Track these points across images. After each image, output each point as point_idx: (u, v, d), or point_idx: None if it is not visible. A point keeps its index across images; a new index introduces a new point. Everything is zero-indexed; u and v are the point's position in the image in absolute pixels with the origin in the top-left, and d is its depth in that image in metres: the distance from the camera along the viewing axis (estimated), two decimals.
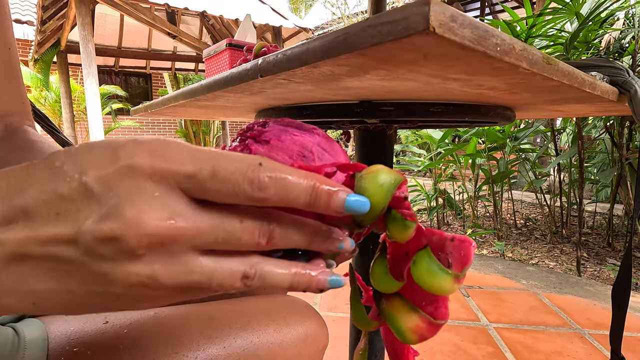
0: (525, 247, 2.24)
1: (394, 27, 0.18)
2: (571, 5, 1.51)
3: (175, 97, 0.50)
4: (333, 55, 0.22)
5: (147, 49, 5.99)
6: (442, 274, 0.18)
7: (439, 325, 0.19)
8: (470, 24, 0.19)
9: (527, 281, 1.59)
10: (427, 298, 0.20)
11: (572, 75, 0.31)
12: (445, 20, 0.17)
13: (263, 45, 0.56)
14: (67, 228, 0.15)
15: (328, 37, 0.23)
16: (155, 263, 0.15)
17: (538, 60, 0.25)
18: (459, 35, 0.18)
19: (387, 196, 0.18)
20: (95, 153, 0.16)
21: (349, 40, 0.21)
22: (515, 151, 2.37)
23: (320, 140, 0.23)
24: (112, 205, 0.15)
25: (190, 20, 5.59)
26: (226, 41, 0.65)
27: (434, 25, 0.17)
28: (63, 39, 4.74)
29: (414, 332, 0.19)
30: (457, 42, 0.19)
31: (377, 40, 0.19)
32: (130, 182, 0.15)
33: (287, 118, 0.25)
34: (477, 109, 0.46)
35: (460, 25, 0.18)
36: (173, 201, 0.15)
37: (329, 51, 0.22)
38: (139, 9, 3.90)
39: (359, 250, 0.22)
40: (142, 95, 8.14)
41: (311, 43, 0.24)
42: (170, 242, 0.15)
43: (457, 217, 2.96)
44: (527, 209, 3.31)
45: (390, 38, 0.19)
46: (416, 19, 0.17)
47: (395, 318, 0.20)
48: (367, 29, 0.20)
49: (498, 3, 8.64)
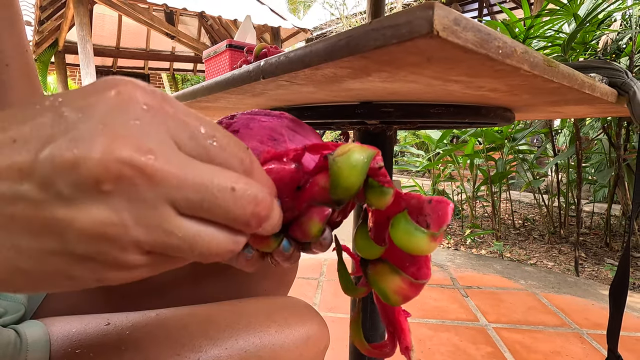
0: (523, 247, 2.25)
1: (397, 30, 0.18)
2: (569, 6, 1.52)
3: (175, 98, 0.50)
4: (336, 58, 0.22)
5: (146, 49, 5.98)
6: (418, 234, 0.18)
7: (421, 285, 0.20)
8: (473, 27, 0.19)
9: (526, 281, 1.60)
10: (408, 260, 0.20)
11: (572, 77, 0.31)
12: (448, 24, 0.18)
13: (263, 47, 0.56)
14: (21, 155, 0.12)
15: (331, 39, 0.23)
16: (123, 209, 0.12)
17: (539, 62, 0.26)
18: (462, 38, 0.18)
19: (362, 174, 0.18)
20: (82, 88, 0.13)
21: (352, 43, 0.21)
22: (514, 152, 2.38)
23: (288, 123, 0.24)
24: (82, 128, 0.12)
25: (189, 20, 5.58)
26: (226, 42, 0.65)
27: (437, 28, 0.17)
28: (61, 39, 4.73)
29: (397, 293, 0.20)
30: (460, 45, 0.19)
31: (380, 44, 0.19)
32: (113, 104, 0.12)
33: (256, 109, 0.25)
34: (477, 110, 0.46)
35: (464, 28, 0.19)
36: (158, 137, 0.13)
37: (332, 54, 0.23)
38: (138, 10, 3.89)
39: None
40: None
41: (314, 45, 0.24)
42: (144, 182, 0.12)
43: (455, 218, 2.97)
44: (525, 209, 3.32)
45: (394, 41, 0.19)
46: (420, 23, 0.17)
47: (379, 281, 0.21)
48: (371, 32, 0.20)
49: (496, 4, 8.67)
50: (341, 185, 0.18)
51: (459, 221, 2.87)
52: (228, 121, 0.24)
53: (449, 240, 2.40)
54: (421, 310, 1.32)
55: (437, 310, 1.32)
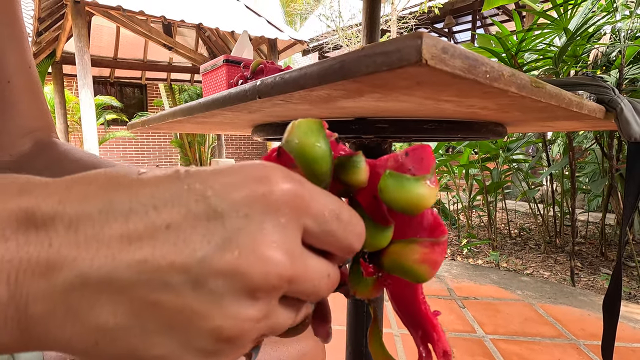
0: (519, 256, 2.25)
1: (388, 57, 0.19)
2: (559, 21, 1.55)
3: (172, 113, 0.50)
4: (330, 81, 0.23)
5: (143, 60, 6.01)
6: (412, 183, 0.16)
7: (443, 244, 0.18)
8: (461, 54, 0.20)
9: (522, 291, 1.60)
10: (416, 226, 0.18)
11: (559, 97, 0.32)
12: (437, 53, 0.18)
13: (260, 62, 0.57)
14: (177, 247, 0.12)
15: (324, 63, 0.23)
16: (264, 309, 0.13)
17: (526, 84, 0.27)
18: (450, 65, 0.19)
19: (322, 138, 0.17)
20: (225, 174, 0.14)
21: (345, 68, 0.22)
22: (508, 162, 2.40)
23: None
24: (242, 232, 0.12)
25: (187, 32, 5.63)
26: (223, 57, 0.66)
27: (426, 57, 0.18)
28: (58, 50, 4.75)
29: (423, 261, 0.17)
30: (448, 72, 0.19)
31: (372, 70, 0.20)
32: (266, 204, 0.13)
33: None
34: (470, 125, 0.47)
35: (452, 56, 0.19)
36: (295, 236, 0.14)
37: (326, 77, 0.23)
38: (136, 21, 3.93)
39: None
40: (137, 106, 8.14)
41: (308, 68, 0.25)
42: (285, 286, 0.13)
43: (452, 227, 2.97)
44: (521, 219, 3.34)
45: (385, 68, 0.19)
46: (409, 52, 0.18)
47: (398, 261, 0.18)
48: (363, 58, 0.21)
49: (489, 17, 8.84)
50: (307, 157, 0.16)
51: (456, 231, 2.87)
52: None
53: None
54: None
55: None
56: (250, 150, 10.08)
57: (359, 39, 5.74)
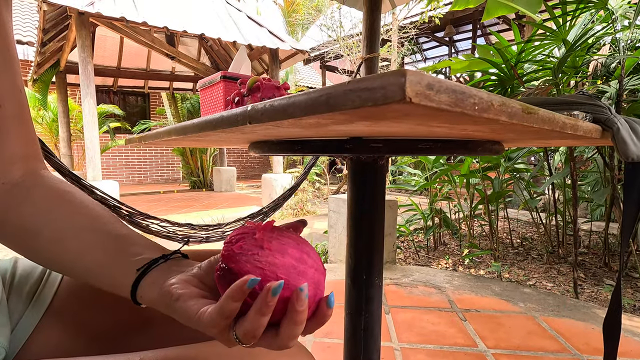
0: (522, 267, 2.23)
1: (372, 94, 0.19)
2: (558, 32, 1.56)
3: (168, 132, 0.50)
4: (316, 113, 0.23)
5: (146, 69, 6.07)
6: None
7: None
8: (447, 88, 0.20)
9: (525, 304, 1.58)
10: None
11: (552, 121, 0.32)
12: (421, 90, 0.18)
13: (256, 80, 0.57)
14: None
15: (311, 94, 0.23)
16: None
17: (517, 112, 0.26)
18: (435, 101, 0.19)
19: None
20: None
21: (331, 102, 0.22)
22: (510, 171, 2.39)
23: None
24: None
25: (189, 41, 5.69)
26: (220, 73, 0.66)
27: (410, 95, 0.18)
28: (62, 59, 4.81)
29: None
30: (434, 107, 0.19)
31: (357, 105, 0.20)
32: None
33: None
34: (465, 144, 0.47)
35: (437, 91, 0.19)
36: None
37: (313, 108, 0.23)
38: (139, 32, 3.98)
39: None
40: (140, 114, 8.19)
41: (296, 98, 0.25)
42: None
43: (453, 237, 2.95)
44: (523, 228, 3.31)
45: (370, 104, 0.19)
46: (393, 89, 0.18)
47: None
48: (348, 92, 0.20)
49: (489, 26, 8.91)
50: None
51: (457, 240, 2.86)
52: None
53: (447, 260, 2.38)
54: (419, 335, 1.30)
55: (435, 334, 1.30)
56: (252, 159, 10.09)
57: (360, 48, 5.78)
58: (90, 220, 0.34)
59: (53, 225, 0.33)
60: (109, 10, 3.23)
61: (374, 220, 0.57)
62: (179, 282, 0.27)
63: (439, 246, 2.74)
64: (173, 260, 0.31)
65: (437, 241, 2.78)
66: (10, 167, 0.35)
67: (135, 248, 0.32)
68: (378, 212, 0.58)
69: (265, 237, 0.26)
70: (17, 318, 0.38)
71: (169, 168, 8.61)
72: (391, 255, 2.14)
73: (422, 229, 3.02)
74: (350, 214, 0.60)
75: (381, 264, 0.66)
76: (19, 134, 0.36)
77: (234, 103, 0.59)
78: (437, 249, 2.67)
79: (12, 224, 0.34)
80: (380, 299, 0.66)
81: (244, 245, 0.25)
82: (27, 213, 0.34)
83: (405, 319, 1.43)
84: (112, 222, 0.35)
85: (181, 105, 6.48)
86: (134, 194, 5.97)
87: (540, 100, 0.49)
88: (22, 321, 0.38)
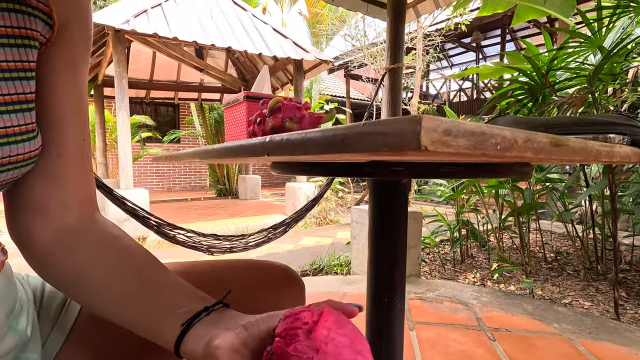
0: (556, 283, 2.11)
1: (388, 139, 0.19)
2: (593, 39, 1.49)
3: (192, 154, 0.52)
4: (332, 151, 0.23)
5: (176, 81, 6.32)
6: None
7: None
8: (466, 132, 0.19)
9: (559, 324, 1.49)
10: None
11: (585, 151, 0.30)
12: (437, 138, 0.17)
13: (278, 101, 0.58)
14: None
15: (327, 133, 0.23)
16: None
17: (544, 146, 0.25)
18: (453, 146, 0.18)
19: None
20: None
21: (347, 142, 0.21)
22: (542, 181, 2.29)
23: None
24: None
25: (217, 53, 5.88)
26: (244, 94, 0.68)
27: (425, 144, 0.17)
28: (100, 74, 5.09)
29: None
30: (453, 152, 0.19)
31: (373, 148, 0.20)
32: None
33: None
34: (491, 167, 0.45)
35: (455, 136, 0.18)
36: None
37: (328, 147, 0.23)
38: (170, 46, 4.15)
39: None
40: (170, 124, 8.53)
41: (313, 134, 0.25)
42: None
43: (481, 250, 2.85)
44: (557, 241, 3.15)
45: (386, 149, 0.19)
46: (409, 137, 0.17)
47: None
48: (364, 135, 0.20)
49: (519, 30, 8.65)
50: None
51: (485, 253, 2.75)
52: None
53: (475, 274, 2.29)
54: (444, 354, 1.25)
55: (462, 354, 1.25)
56: None
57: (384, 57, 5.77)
58: (135, 268, 0.35)
59: (99, 272, 0.34)
60: (143, 27, 3.40)
61: (396, 243, 0.56)
62: (224, 348, 0.26)
63: (466, 259, 2.65)
64: (216, 313, 0.31)
65: (464, 254, 2.69)
66: (65, 211, 0.36)
67: (178, 298, 0.33)
68: (400, 233, 0.57)
69: (321, 336, 0.25)
70: (45, 337, 0.40)
71: (197, 176, 8.87)
72: (415, 268, 2.09)
73: (449, 240, 2.94)
74: (371, 235, 0.59)
75: (403, 285, 0.64)
76: (77, 181, 0.37)
77: (256, 124, 0.60)
78: (464, 262, 2.58)
79: (61, 268, 0.35)
80: (402, 324, 0.64)
81: (299, 347, 0.24)
82: (75, 258, 0.35)
83: (429, 336, 1.39)
84: (155, 268, 0.36)
85: (209, 115, 6.68)
86: (163, 201, 6.19)
87: (573, 120, 0.47)
88: (49, 341, 0.39)
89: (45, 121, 0.35)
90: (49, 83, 0.35)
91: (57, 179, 0.36)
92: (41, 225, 0.35)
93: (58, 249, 0.35)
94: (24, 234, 0.35)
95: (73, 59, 0.37)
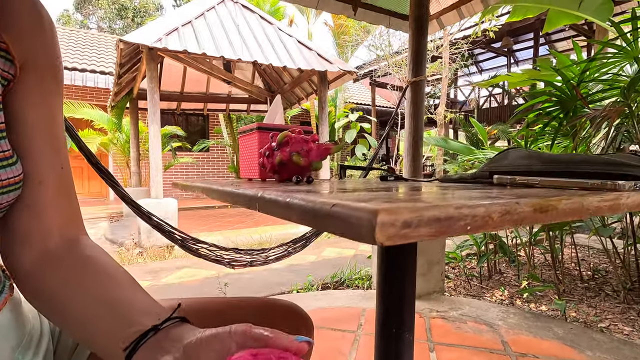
0: (592, 305, 1.98)
1: (348, 228, 0.19)
2: (628, 49, 1.41)
3: (201, 189, 0.54)
4: (307, 224, 0.24)
5: (205, 93, 6.56)
6: None
7: None
8: (429, 220, 0.19)
9: (593, 352, 1.40)
10: None
11: (580, 210, 0.29)
12: (394, 232, 0.18)
13: (286, 135, 0.59)
14: None
15: (306, 205, 0.24)
16: None
17: (527, 215, 0.24)
18: (414, 237, 0.19)
19: None
20: None
21: (317, 220, 0.22)
22: None
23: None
24: None
25: (244, 66, 6.06)
26: (256, 125, 0.70)
27: (380, 240, 0.17)
28: (135, 88, 5.38)
29: None
30: (414, 241, 0.19)
31: (336, 232, 0.20)
32: None
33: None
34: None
35: (417, 227, 0.19)
36: None
37: (304, 220, 0.24)
38: (199, 61, 4.33)
39: None
40: (200, 134, 8.85)
41: (295, 203, 0.26)
42: None
43: (510, 265, 2.73)
44: (595, 258, 2.96)
45: (350, 235, 0.19)
46: (366, 231, 0.18)
47: None
48: (329, 218, 0.21)
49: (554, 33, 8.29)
50: None
51: (515, 269, 2.63)
52: None
53: (503, 292, 2.20)
54: None
55: None
56: None
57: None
58: (101, 289, 0.35)
59: (68, 294, 0.35)
60: (174, 44, 3.57)
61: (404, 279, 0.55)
62: None
63: (494, 275, 2.55)
64: (164, 331, 0.31)
65: (492, 269, 2.58)
66: (46, 238, 0.38)
67: (133, 316, 0.32)
68: (408, 269, 0.56)
69: None
70: None
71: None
72: (439, 284, 2.04)
73: (475, 254, 2.84)
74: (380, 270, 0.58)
75: (412, 317, 0.63)
76: (58, 207, 0.39)
77: (265, 157, 0.62)
78: (492, 278, 2.48)
79: (45, 294, 0.36)
80: (410, 355, 0.63)
81: None
82: (49, 281, 0.36)
83: (450, 358, 1.34)
84: (124, 287, 0.36)
85: (236, 125, 6.88)
86: (192, 208, 6.40)
87: (585, 158, 0.45)
88: None
89: (22, 152, 0.37)
90: (21, 117, 0.36)
91: (37, 207, 0.37)
92: (26, 252, 0.37)
93: (39, 274, 0.36)
94: (12, 262, 0.37)
95: (42, 92, 0.38)
